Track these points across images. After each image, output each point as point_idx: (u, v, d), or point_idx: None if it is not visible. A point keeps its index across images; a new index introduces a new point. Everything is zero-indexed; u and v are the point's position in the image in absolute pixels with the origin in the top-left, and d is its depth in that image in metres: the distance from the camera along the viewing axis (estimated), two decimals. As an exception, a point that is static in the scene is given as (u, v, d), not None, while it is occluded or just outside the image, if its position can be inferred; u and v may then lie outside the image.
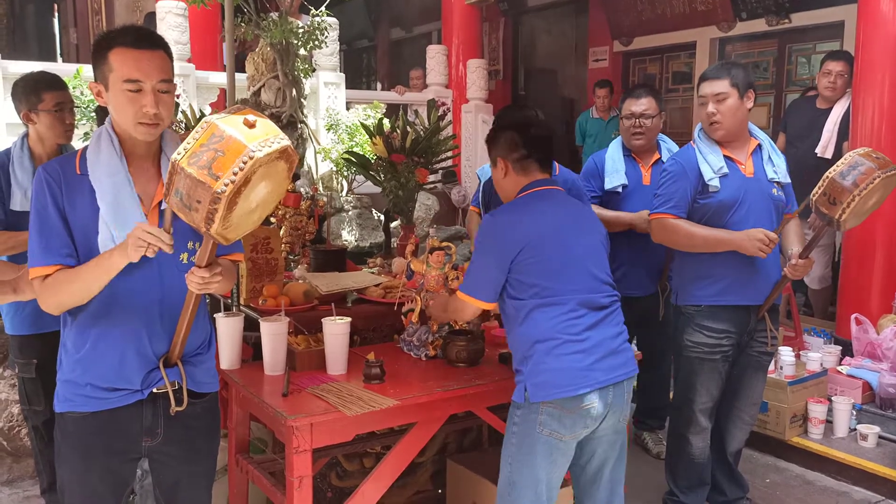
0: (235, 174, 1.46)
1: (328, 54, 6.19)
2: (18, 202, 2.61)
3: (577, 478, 2.30)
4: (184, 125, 4.11)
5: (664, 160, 3.46)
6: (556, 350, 2.10)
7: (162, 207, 1.76)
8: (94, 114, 4.66)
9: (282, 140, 1.54)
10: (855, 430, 3.69)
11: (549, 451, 2.12)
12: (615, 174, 3.45)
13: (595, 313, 2.17)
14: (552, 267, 2.15)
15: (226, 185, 1.46)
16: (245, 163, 1.47)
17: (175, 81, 1.81)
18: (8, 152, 2.71)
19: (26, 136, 2.74)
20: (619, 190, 3.44)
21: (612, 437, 2.22)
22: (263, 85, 4.29)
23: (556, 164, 3.32)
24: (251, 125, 1.52)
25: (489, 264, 2.20)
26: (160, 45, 1.75)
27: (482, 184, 3.58)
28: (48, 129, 2.70)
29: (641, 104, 3.41)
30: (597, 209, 3.48)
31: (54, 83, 2.74)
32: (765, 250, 2.64)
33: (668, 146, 3.55)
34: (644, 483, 3.36)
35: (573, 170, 3.43)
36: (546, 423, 2.10)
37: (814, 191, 2.59)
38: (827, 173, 2.56)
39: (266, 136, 1.52)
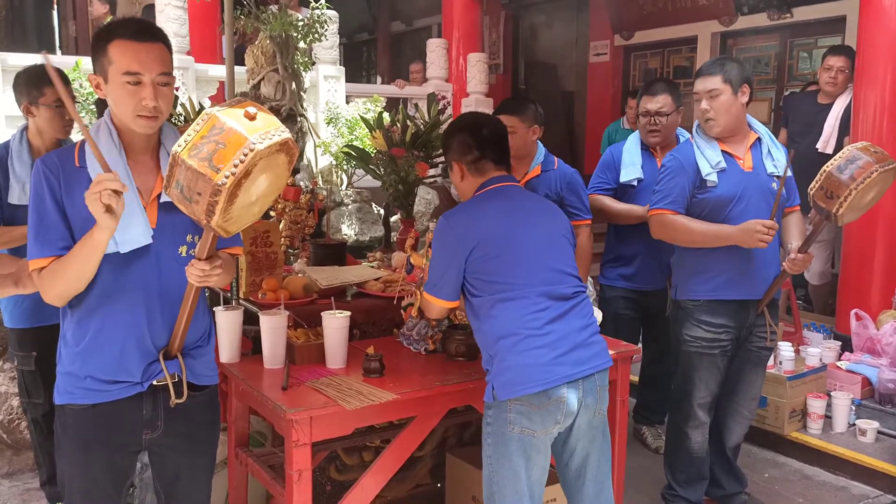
0: (236, 166, 1.46)
1: (328, 48, 6.17)
2: (16, 196, 2.61)
3: (562, 476, 2.28)
4: (183, 118, 4.10)
5: None
6: (518, 346, 2.08)
7: (161, 200, 1.76)
8: (93, 106, 4.64)
9: (282, 132, 1.53)
10: (854, 425, 3.70)
11: (523, 449, 2.10)
12: (631, 167, 3.43)
13: (558, 305, 2.13)
14: (507, 262, 2.14)
15: (226, 177, 1.46)
16: (246, 155, 1.46)
17: (174, 74, 1.81)
18: (7, 145, 2.70)
19: (25, 129, 2.74)
20: (634, 183, 3.43)
21: (589, 433, 2.17)
22: (263, 78, 4.27)
23: (555, 158, 3.32)
24: (252, 117, 1.52)
25: (445, 265, 2.20)
26: (160, 37, 1.75)
27: None
28: (48, 123, 2.69)
29: (657, 101, 3.38)
30: (608, 201, 3.48)
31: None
32: (765, 240, 2.63)
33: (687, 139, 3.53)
34: (642, 477, 3.36)
35: (574, 165, 3.43)
36: (516, 420, 2.08)
37: (811, 185, 2.59)
38: (824, 167, 2.56)
39: (267, 129, 1.51)
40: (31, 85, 2.69)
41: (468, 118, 2.44)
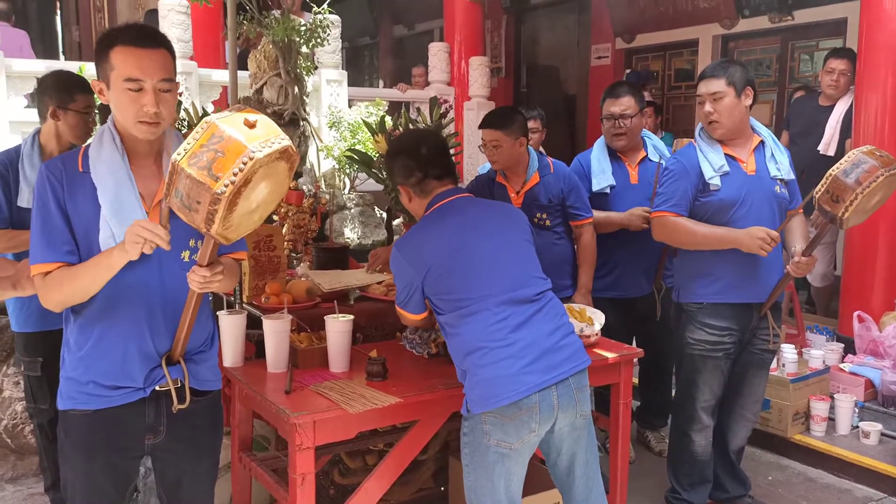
0: (235, 175, 1.46)
1: (330, 52, 6.18)
2: (26, 199, 2.62)
3: (553, 477, 2.29)
4: (186, 123, 4.11)
5: (651, 157, 3.45)
6: (484, 359, 2.08)
7: (163, 206, 1.76)
8: (96, 111, 4.67)
9: (282, 140, 1.53)
10: (857, 427, 3.69)
11: (500, 460, 2.09)
12: (602, 175, 3.40)
13: (521, 310, 2.12)
14: (463, 277, 2.14)
15: (226, 185, 1.46)
16: (245, 163, 1.46)
17: (178, 80, 1.81)
18: (18, 149, 2.72)
19: (38, 132, 2.75)
20: (608, 191, 3.41)
21: (573, 434, 2.16)
22: (266, 83, 4.28)
23: (550, 161, 3.32)
24: (252, 125, 1.52)
25: (405, 286, 2.25)
26: (162, 43, 1.75)
27: (473, 180, 3.58)
28: (71, 129, 2.73)
29: (621, 104, 3.35)
30: None
31: (86, 86, 2.78)
32: (766, 248, 2.64)
33: (654, 143, 3.53)
34: (646, 481, 3.36)
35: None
36: (491, 432, 2.07)
37: (817, 188, 2.59)
38: (830, 171, 2.55)
39: (267, 137, 1.51)
40: (62, 90, 2.72)
41: (405, 140, 2.46)
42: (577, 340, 2.20)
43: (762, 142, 2.86)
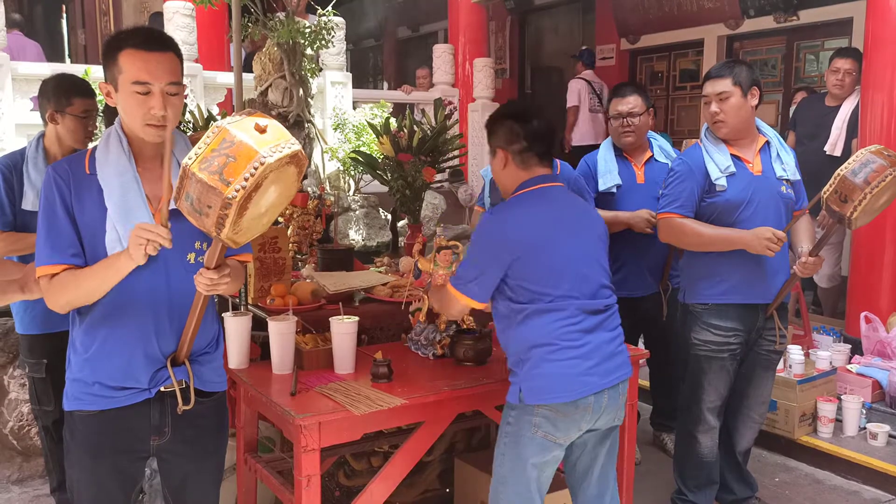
0: (246, 180, 1.47)
1: (335, 54, 6.19)
2: (30, 202, 2.63)
3: (568, 474, 2.31)
4: (191, 125, 4.12)
5: (657, 158, 3.45)
6: (553, 355, 2.09)
7: (170, 208, 1.76)
8: (101, 114, 4.67)
9: (292, 145, 1.54)
10: (865, 428, 3.67)
11: (541, 452, 2.12)
12: (608, 175, 3.41)
13: (593, 317, 2.15)
14: (550, 272, 2.12)
15: (237, 190, 1.46)
16: (256, 168, 1.47)
17: (184, 82, 1.82)
18: (23, 152, 2.72)
19: (42, 136, 2.76)
20: (614, 190, 3.42)
21: (603, 437, 2.22)
22: (270, 85, 4.29)
23: (558, 161, 3.32)
24: (262, 130, 1.52)
25: (485, 263, 2.14)
26: (170, 46, 1.76)
27: (486, 184, 3.58)
28: (70, 132, 2.72)
29: (628, 103, 3.37)
30: None
31: (86, 90, 2.77)
32: (773, 249, 2.62)
33: (660, 143, 3.53)
34: (653, 481, 3.35)
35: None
36: (541, 424, 2.10)
37: (825, 188, 2.58)
38: (838, 171, 2.54)
39: (277, 142, 1.52)
40: (60, 93, 2.71)
41: (519, 106, 2.35)
42: (627, 350, 2.25)
43: (767, 142, 2.85)
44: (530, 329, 2.12)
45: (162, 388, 1.80)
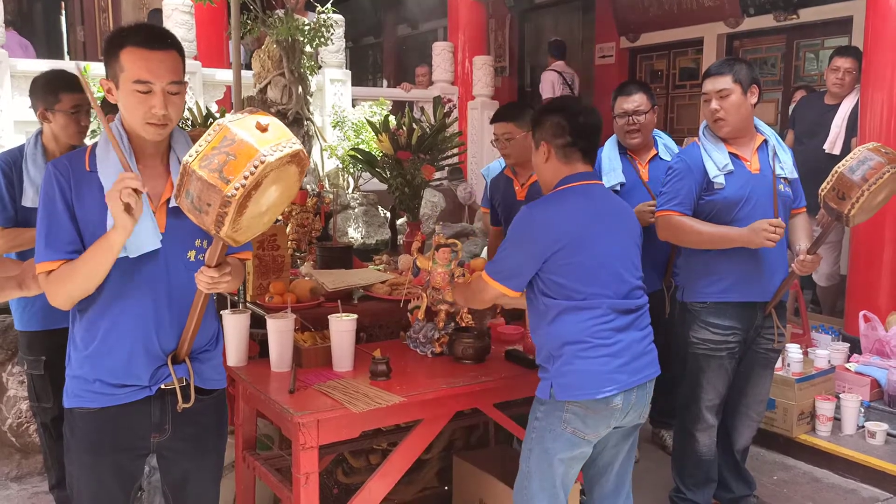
0: (246, 178, 1.47)
1: (334, 51, 6.19)
2: (30, 199, 2.63)
3: (586, 468, 2.32)
4: (190, 123, 4.12)
5: (661, 156, 3.44)
6: (585, 353, 2.11)
7: (170, 205, 1.76)
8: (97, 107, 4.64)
9: (293, 144, 1.54)
10: (863, 427, 3.68)
11: (569, 448, 2.15)
12: (612, 172, 3.41)
13: (625, 317, 2.17)
14: (586, 269, 2.13)
15: (236, 188, 1.46)
16: (256, 167, 1.47)
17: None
18: (22, 149, 2.72)
19: (40, 133, 2.76)
20: (618, 188, 3.42)
21: (627, 434, 2.26)
22: (269, 82, 4.29)
23: None
24: (263, 129, 1.52)
25: (523, 255, 2.17)
26: (172, 44, 1.75)
27: (488, 183, 3.58)
28: (62, 129, 2.71)
29: (633, 101, 3.36)
30: None
31: (73, 84, 2.74)
32: (773, 238, 2.61)
33: (665, 142, 3.53)
34: (652, 479, 3.36)
35: None
36: (570, 420, 2.12)
37: (822, 186, 2.58)
38: (836, 168, 2.54)
39: (278, 141, 1.52)
40: (48, 91, 2.70)
41: (568, 101, 2.37)
42: (655, 349, 2.27)
43: (765, 141, 2.85)
44: (563, 326, 2.14)
45: (163, 386, 1.80)
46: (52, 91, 2.69)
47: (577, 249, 2.13)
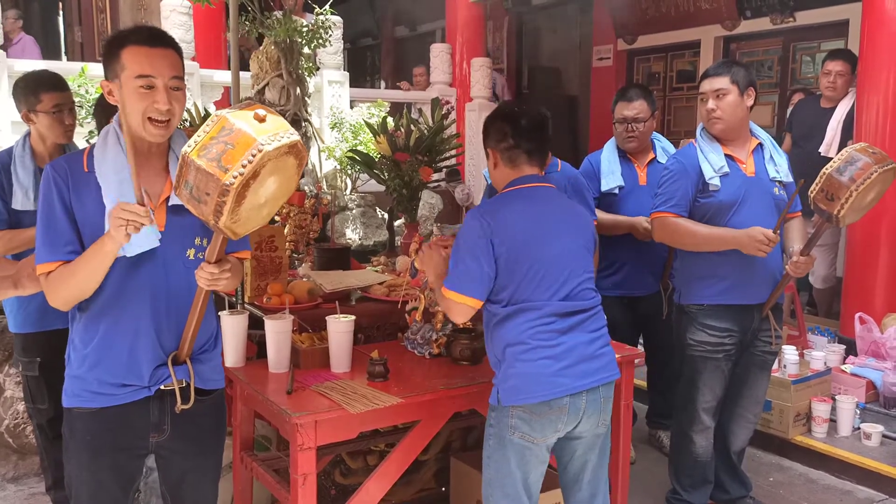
0: (244, 167, 1.48)
1: (332, 53, 6.19)
2: (20, 201, 2.62)
3: (561, 477, 2.30)
4: (188, 123, 4.12)
5: (659, 159, 3.46)
6: (525, 355, 2.08)
7: (170, 203, 1.77)
8: (86, 105, 4.61)
9: (291, 135, 1.55)
10: (859, 429, 3.69)
11: (521, 453, 2.11)
12: (611, 175, 3.43)
13: (569, 319, 2.13)
14: (527, 272, 2.10)
15: (234, 177, 1.47)
16: (254, 156, 1.48)
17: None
18: (10, 151, 2.71)
19: (28, 135, 2.75)
20: (616, 191, 3.43)
21: (590, 440, 2.19)
22: (268, 83, 4.30)
23: (558, 160, 3.33)
24: (261, 119, 1.54)
25: (474, 260, 2.10)
26: (171, 44, 1.77)
27: (489, 184, 3.58)
28: (47, 129, 2.70)
29: (633, 108, 3.38)
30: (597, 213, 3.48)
31: (54, 84, 2.72)
32: (764, 250, 2.64)
33: (663, 145, 3.55)
34: (649, 480, 3.37)
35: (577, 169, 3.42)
36: (517, 426, 2.09)
37: (811, 187, 2.60)
38: (824, 169, 2.56)
39: (276, 131, 1.53)
40: (29, 92, 2.69)
41: (510, 107, 2.36)
42: (612, 352, 2.23)
43: (760, 144, 2.86)
44: (506, 329, 2.12)
45: (162, 387, 1.81)
46: (33, 91, 2.68)
47: (516, 251, 2.10)
